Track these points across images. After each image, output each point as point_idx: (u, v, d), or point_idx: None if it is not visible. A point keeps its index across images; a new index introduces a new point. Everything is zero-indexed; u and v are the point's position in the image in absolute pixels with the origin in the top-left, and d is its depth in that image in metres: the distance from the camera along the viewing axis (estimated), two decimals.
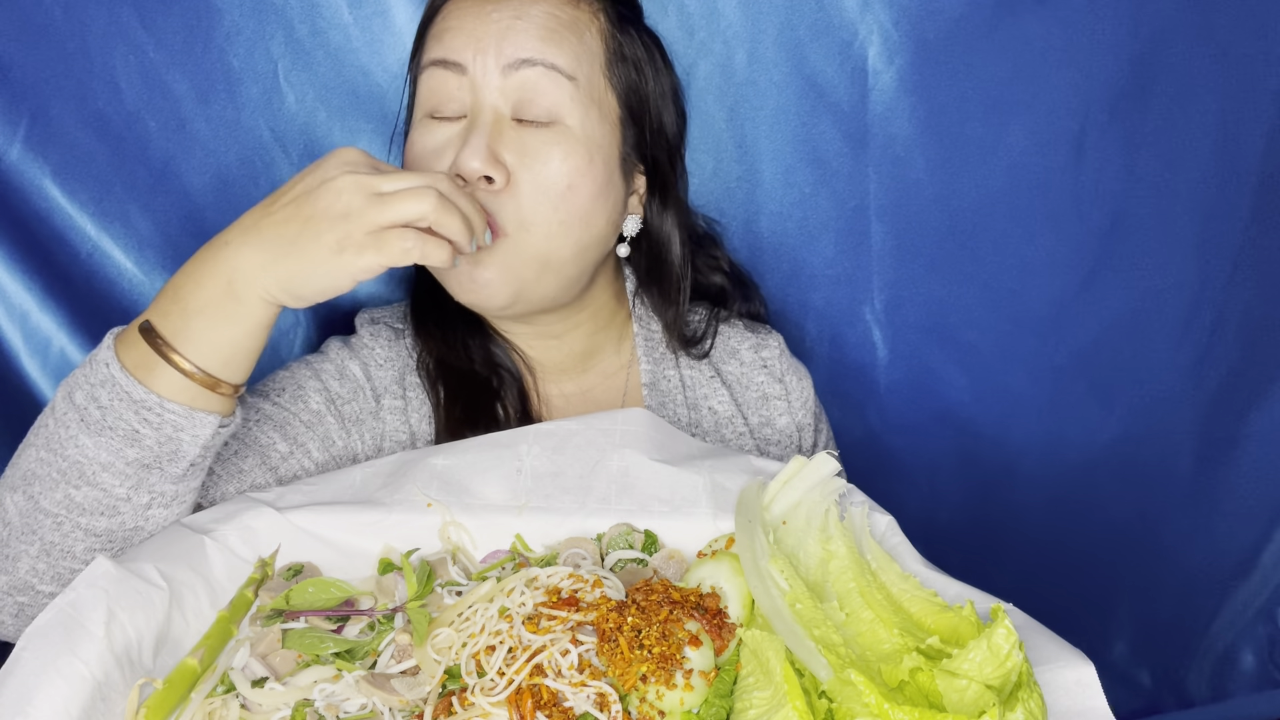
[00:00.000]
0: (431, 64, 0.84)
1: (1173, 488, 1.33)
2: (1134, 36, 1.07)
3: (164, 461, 0.66)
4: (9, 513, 0.67)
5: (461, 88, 0.83)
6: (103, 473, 0.65)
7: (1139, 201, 1.15)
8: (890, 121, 1.10)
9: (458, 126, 0.83)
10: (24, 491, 0.66)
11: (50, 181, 1.03)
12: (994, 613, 0.55)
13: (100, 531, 0.66)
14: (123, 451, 0.65)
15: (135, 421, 0.64)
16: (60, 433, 0.66)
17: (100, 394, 0.65)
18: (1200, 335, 1.23)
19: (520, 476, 0.73)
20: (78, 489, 0.65)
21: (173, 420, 0.65)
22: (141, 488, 0.66)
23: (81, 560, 0.67)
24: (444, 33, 0.84)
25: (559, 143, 0.82)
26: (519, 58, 0.82)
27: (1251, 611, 1.39)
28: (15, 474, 0.68)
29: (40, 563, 0.66)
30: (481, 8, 0.84)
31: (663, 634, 0.58)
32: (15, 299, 1.05)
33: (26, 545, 0.66)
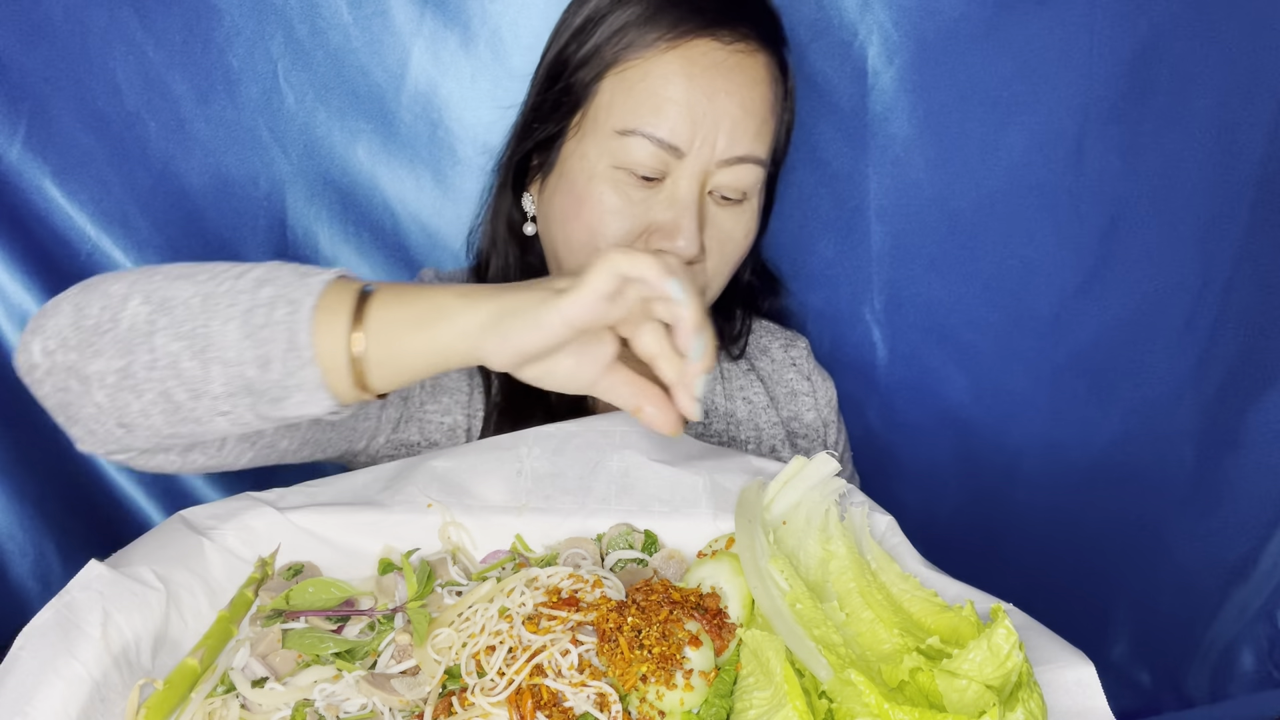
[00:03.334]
0: (646, 138, 0.82)
1: (1173, 488, 1.33)
2: (1134, 36, 1.07)
3: (264, 400, 0.62)
4: (123, 314, 0.62)
5: (670, 163, 0.83)
6: (217, 363, 0.61)
7: (1139, 201, 1.15)
8: (890, 121, 1.11)
9: (654, 189, 0.84)
10: (151, 312, 0.62)
11: (50, 181, 1.03)
12: (994, 613, 0.55)
13: (175, 402, 0.62)
14: (246, 365, 0.60)
15: (278, 352, 0.60)
16: (222, 302, 0.61)
17: (279, 309, 0.60)
18: (1200, 335, 1.23)
19: (520, 477, 0.73)
20: (190, 358, 0.61)
21: (301, 379, 0.61)
22: (233, 400, 0.62)
23: (136, 410, 0.63)
24: (666, 105, 0.81)
25: (743, 217, 0.88)
26: (737, 155, 0.84)
27: (1251, 611, 1.39)
28: (158, 289, 0.63)
29: (111, 376, 0.62)
30: (710, 82, 0.81)
31: (663, 634, 0.58)
32: (15, 299, 1.06)
33: (114, 355, 0.62)
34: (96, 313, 0.63)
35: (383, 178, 1.11)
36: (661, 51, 0.82)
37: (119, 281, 0.64)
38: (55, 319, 0.64)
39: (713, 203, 0.86)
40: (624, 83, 0.83)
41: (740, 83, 0.83)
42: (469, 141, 1.10)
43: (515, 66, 1.06)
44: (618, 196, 0.83)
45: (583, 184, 0.85)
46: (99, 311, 0.63)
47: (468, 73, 1.07)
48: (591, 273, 0.57)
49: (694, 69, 0.81)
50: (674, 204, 0.83)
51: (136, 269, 0.66)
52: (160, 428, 0.64)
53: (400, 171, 1.11)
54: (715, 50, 0.82)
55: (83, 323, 0.63)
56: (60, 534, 1.14)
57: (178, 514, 0.69)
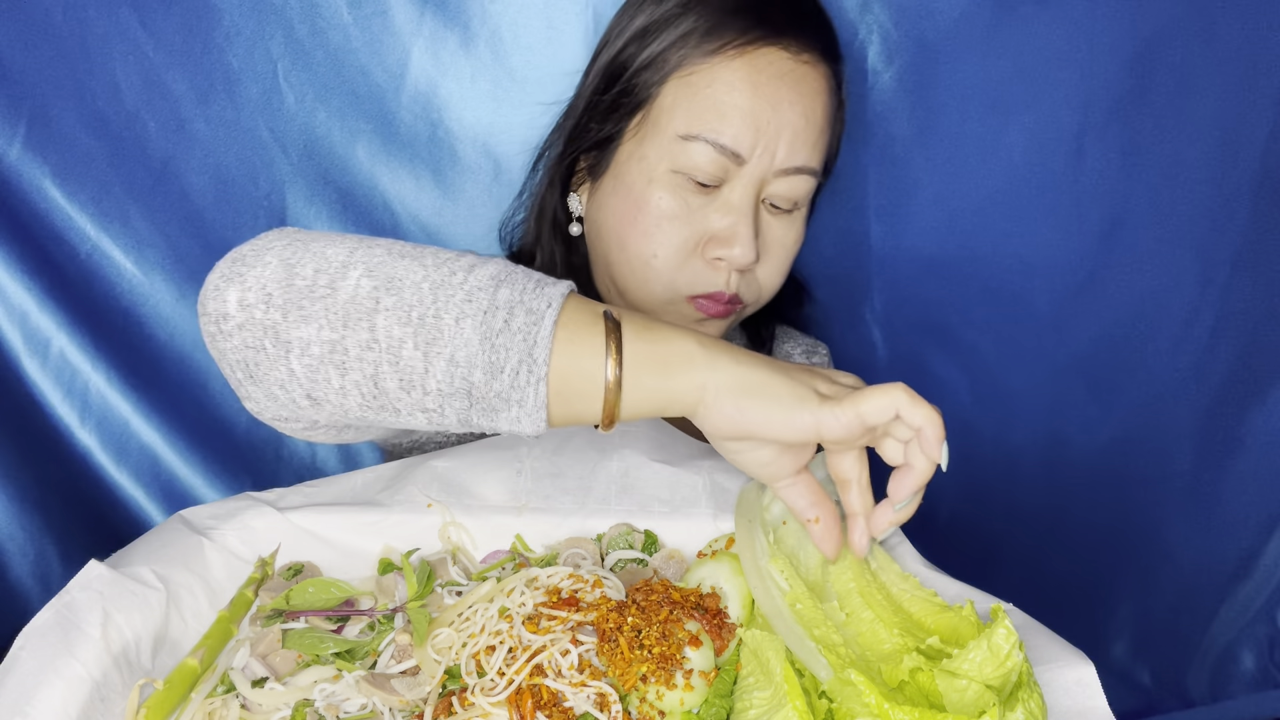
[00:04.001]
0: (708, 143, 0.81)
1: (1173, 488, 1.33)
2: (1134, 36, 1.07)
3: (478, 409, 0.58)
4: (342, 283, 0.58)
5: (729, 169, 0.83)
6: (441, 359, 0.57)
7: (1139, 201, 1.15)
8: (890, 121, 1.10)
9: (712, 195, 0.84)
10: (375, 288, 0.58)
11: (50, 181, 1.03)
12: (994, 613, 0.55)
13: (383, 387, 0.58)
14: (475, 369, 0.57)
15: (511, 363, 0.57)
16: (458, 295, 0.57)
17: (518, 316, 0.57)
18: (1200, 335, 1.23)
19: (520, 477, 0.73)
20: (413, 347, 0.57)
21: (524, 397, 0.57)
22: (445, 400, 0.58)
23: (333, 388, 0.59)
24: (730, 111, 0.81)
25: (795, 226, 0.89)
26: (795, 165, 0.84)
27: (1251, 612, 1.39)
28: (381, 263, 0.59)
29: (316, 346, 0.58)
30: (775, 91, 0.81)
31: (663, 634, 0.58)
32: (15, 299, 1.06)
33: (328, 326, 0.57)
34: (310, 274, 0.58)
35: (383, 178, 1.11)
36: (729, 58, 0.81)
37: (335, 245, 0.60)
38: (259, 270, 0.59)
39: (765, 211, 0.86)
40: (688, 87, 0.82)
41: (804, 93, 0.83)
42: (469, 141, 1.10)
43: (515, 66, 1.06)
44: (675, 201, 0.83)
45: (641, 187, 0.84)
46: (313, 274, 0.58)
47: (468, 73, 1.07)
48: (871, 399, 0.58)
49: (760, 77, 0.81)
50: (730, 211, 0.83)
51: (343, 236, 0.61)
52: (352, 409, 0.60)
53: (400, 171, 1.11)
54: (782, 60, 0.82)
55: (294, 281, 0.58)
56: (60, 534, 1.14)
57: (178, 514, 0.69)
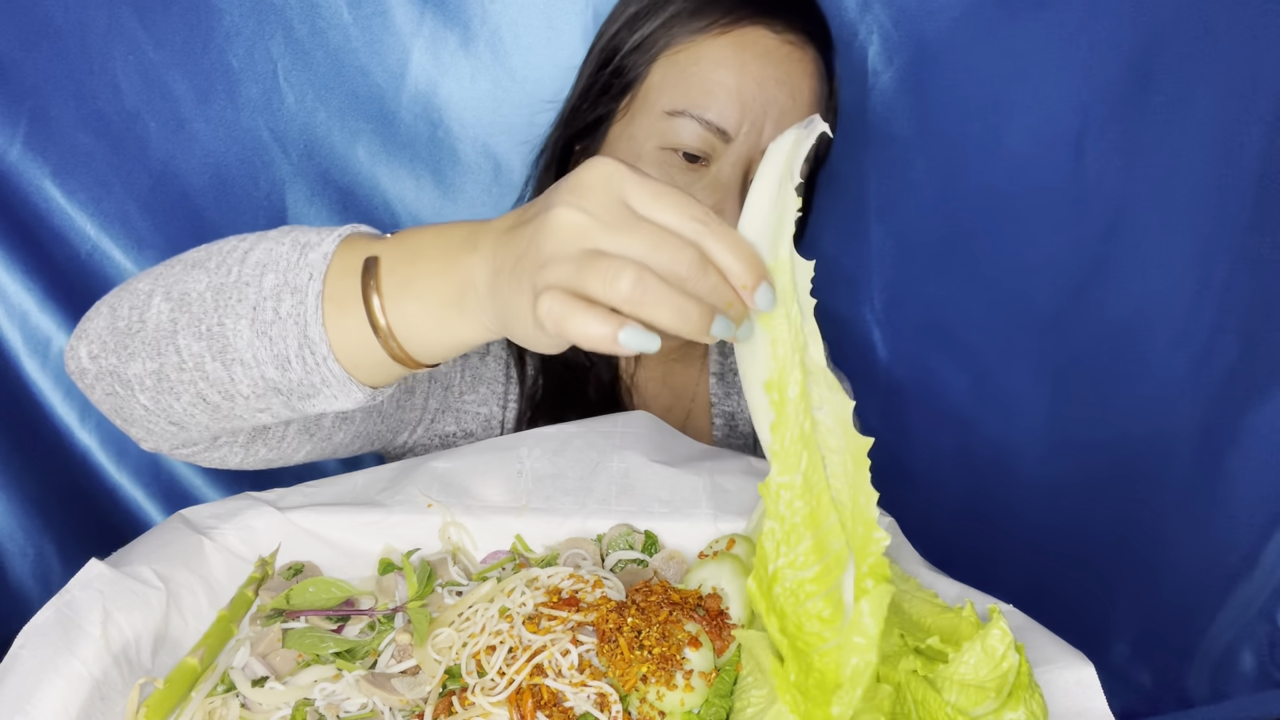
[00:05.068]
0: (694, 119, 0.82)
1: (1173, 488, 1.33)
2: (1134, 36, 1.07)
3: (295, 400, 0.59)
4: (149, 315, 0.60)
5: (716, 146, 0.83)
6: (237, 365, 0.58)
7: (1139, 201, 1.15)
8: (890, 121, 1.10)
9: (698, 173, 0.84)
10: (172, 310, 0.59)
11: (50, 181, 1.03)
12: (990, 614, 0.55)
13: (211, 402, 0.60)
14: (265, 366, 0.57)
15: (293, 351, 0.56)
16: (232, 295, 0.57)
17: (285, 300, 0.56)
18: (1200, 335, 1.23)
19: (521, 478, 0.73)
20: (212, 359, 0.58)
21: (324, 377, 0.57)
22: (264, 400, 0.60)
23: (180, 411, 0.61)
24: (716, 88, 0.82)
25: None
26: None
27: (1251, 611, 1.39)
28: (176, 282, 0.60)
29: (149, 379, 0.61)
30: (761, 69, 0.82)
31: (663, 635, 0.58)
32: (15, 299, 1.06)
33: (147, 357, 0.60)
34: (126, 313, 0.62)
35: (383, 178, 1.11)
36: (714, 36, 0.83)
37: (146, 277, 0.63)
38: (95, 321, 0.64)
39: None
40: (675, 65, 0.84)
41: (790, 73, 0.84)
42: (469, 141, 1.10)
43: (515, 66, 1.06)
44: (662, 178, 0.84)
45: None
46: (128, 312, 0.62)
47: (468, 73, 1.07)
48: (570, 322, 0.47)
49: (746, 55, 0.82)
50: (718, 188, 0.84)
51: (167, 261, 0.63)
52: (209, 425, 0.63)
53: (400, 171, 1.11)
54: (766, 38, 0.83)
55: (116, 324, 0.62)
56: (60, 534, 1.14)
57: (178, 513, 0.69)
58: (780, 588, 0.53)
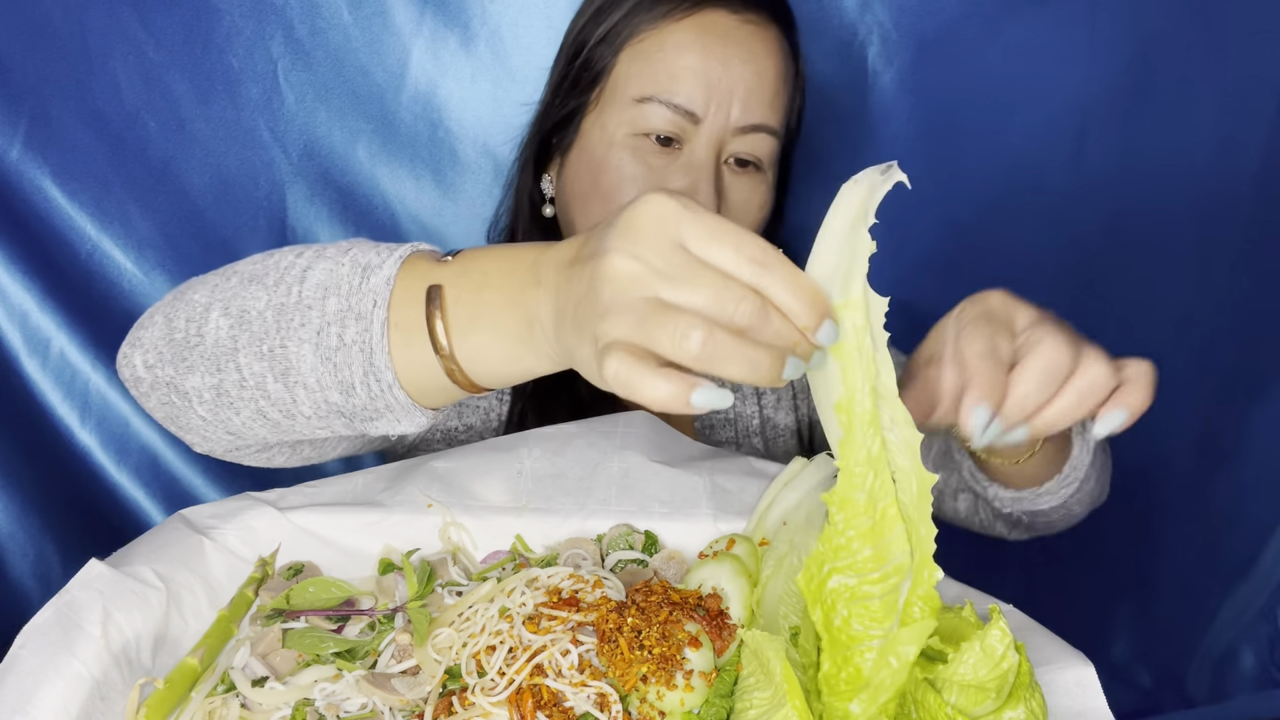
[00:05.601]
0: (662, 104, 0.84)
1: (1173, 488, 1.33)
2: (1134, 36, 1.07)
3: (357, 423, 0.59)
4: (207, 329, 0.60)
5: (686, 129, 0.84)
6: (300, 388, 0.57)
7: (1139, 201, 1.15)
8: (890, 121, 1.11)
9: (671, 155, 0.85)
10: (231, 327, 0.59)
11: (50, 181, 1.03)
12: (990, 614, 0.55)
13: (271, 418, 0.60)
14: (329, 391, 0.57)
15: (358, 378, 0.56)
16: (295, 318, 0.57)
17: (350, 326, 0.55)
18: (1200, 335, 1.23)
19: (521, 478, 0.73)
20: (274, 380, 0.58)
21: (389, 403, 0.57)
22: (326, 420, 0.60)
23: (238, 424, 0.62)
24: (682, 72, 0.83)
25: (757, 190, 0.89)
26: (751, 123, 0.85)
27: (1251, 611, 1.39)
28: (235, 296, 0.59)
29: (207, 392, 0.60)
30: (724, 50, 0.84)
31: (663, 635, 0.58)
32: (15, 299, 1.06)
33: (206, 372, 0.60)
34: (184, 325, 0.61)
35: (383, 178, 1.11)
36: (676, 21, 0.84)
37: (202, 288, 0.62)
38: (150, 331, 0.63)
39: (729, 171, 0.87)
40: (640, 54, 0.85)
41: (754, 51, 0.85)
42: (469, 141, 1.10)
43: (515, 66, 1.06)
44: (636, 164, 0.85)
45: (602, 153, 0.86)
46: (185, 324, 0.61)
47: (468, 73, 1.07)
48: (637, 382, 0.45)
49: (707, 37, 0.83)
50: (691, 170, 0.85)
51: (220, 270, 0.63)
52: (267, 437, 0.63)
53: (400, 171, 1.11)
54: (726, 19, 0.85)
55: (173, 335, 0.61)
56: (60, 534, 1.14)
57: (178, 513, 0.69)
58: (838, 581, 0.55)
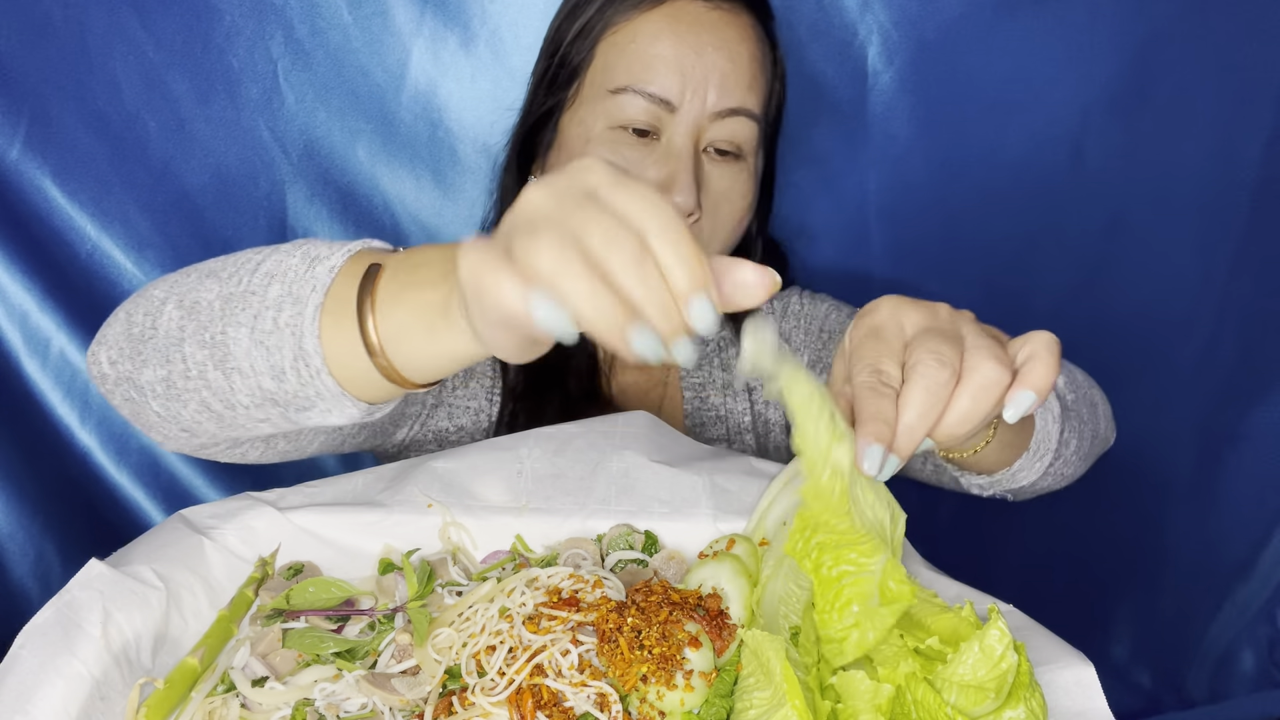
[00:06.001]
0: (637, 93, 0.84)
1: (1173, 488, 1.33)
2: (1134, 37, 1.07)
3: (291, 412, 0.58)
4: (160, 322, 0.60)
5: (663, 118, 0.85)
6: (236, 374, 0.57)
7: (1139, 201, 1.15)
8: (890, 121, 1.11)
9: (649, 146, 0.85)
10: (181, 318, 0.59)
11: (50, 181, 1.03)
12: (989, 613, 0.55)
13: (214, 410, 0.60)
14: (262, 376, 0.56)
15: (288, 362, 0.55)
16: (238, 304, 0.57)
17: (285, 310, 0.55)
18: (1200, 335, 1.23)
19: (521, 478, 0.73)
20: (214, 368, 0.58)
21: (319, 390, 0.55)
22: (263, 410, 0.59)
23: (188, 418, 0.62)
24: (655, 61, 0.84)
25: (740, 176, 0.89)
26: (728, 107, 0.85)
27: (1251, 611, 1.39)
28: (190, 290, 0.60)
29: (159, 385, 0.61)
30: (697, 37, 0.84)
31: (662, 635, 0.58)
32: (15, 299, 1.06)
33: (157, 364, 0.60)
34: (141, 319, 0.62)
35: (383, 178, 1.11)
36: (646, 11, 0.85)
37: (163, 284, 0.63)
38: (114, 327, 0.64)
39: (709, 160, 0.87)
40: (614, 46, 0.86)
41: (726, 37, 0.85)
42: (469, 141, 1.10)
43: (515, 66, 1.06)
44: (615, 157, 0.85)
45: (580, 147, 0.87)
46: (143, 318, 0.62)
47: (468, 73, 1.07)
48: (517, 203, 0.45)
49: (679, 25, 0.84)
50: (669, 158, 0.85)
51: (186, 269, 0.63)
52: (215, 433, 0.63)
53: (400, 171, 1.11)
54: (697, 7, 0.85)
55: (131, 330, 0.62)
56: (60, 534, 1.14)
57: (178, 513, 0.69)
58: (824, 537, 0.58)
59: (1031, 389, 0.53)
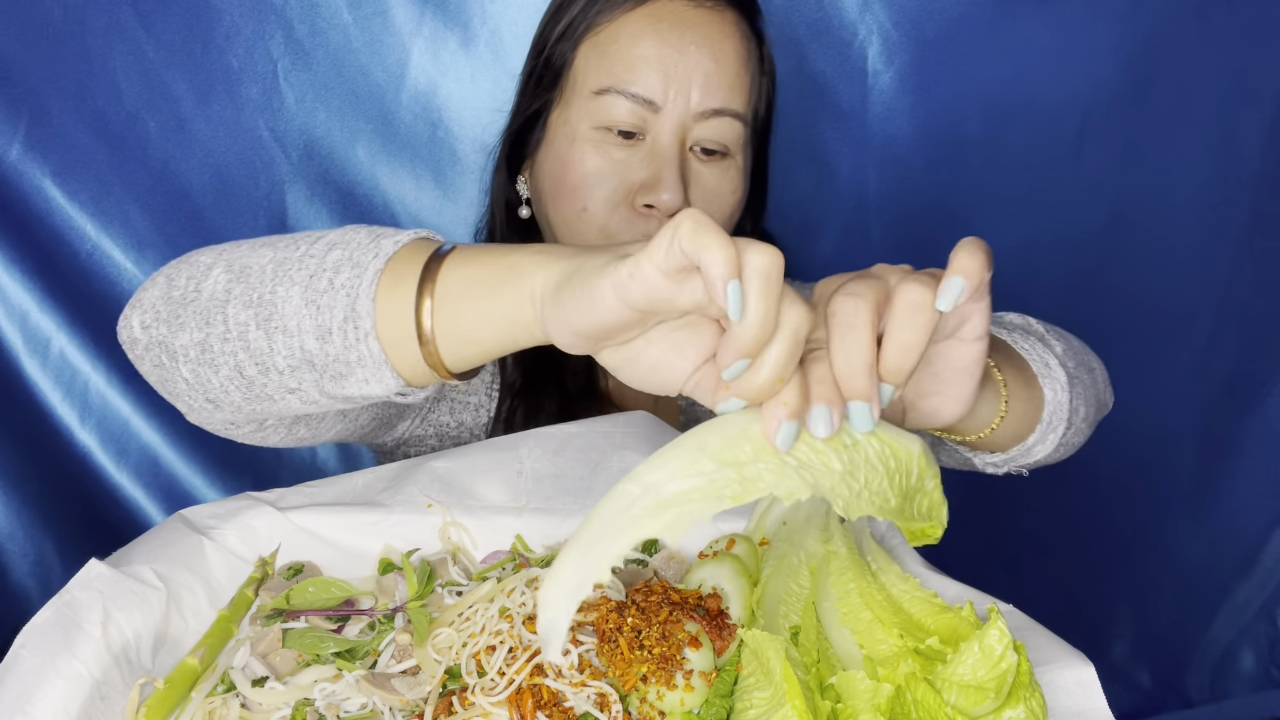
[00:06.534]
0: (621, 94, 0.84)
1: (1173, 488, 1.33)
2: (1134, 36, 1.07)
3: (327, 376, 0.57)
4: (205, 285, 0.60)
5: (647, 119, 0.84)
6: (279, 333, 0.56)
7: (1139, 201, 1.15)
8: (890, 121, 1.11)
9: (635, 147, 0.85)
10: (229, 281, 0.59)
11: (50, 181, 1.03)
12: (989, 613, 0.55)
13: (247, 377, 0.59)
14: (306, 336, 0.56)
15: (336, 323, 0.54)
16: (293, 268, 0.56)
17: (343, 272, 0.55)
18: (1200, 335, 1.23)
19: (521, 478, 0.73)
20: (256, 327, 0.57)
21: (361, 355, 0.55)
22: (297, 375, 0.58)
23: (217, 386, 0.61)
24: (638, 61, 0.84)
25: (727, 175, 0.88)
26: (712, 107, 0.85)
27: (1251, 611, 1.39)
28: (240, 256, 0.60)
29: (193, 349, 0.60)
30: (680, 36, 0.84)
31: (662, 635, 0.58)
32: (15, 299, 1.06)
33: (195, 328, 0.59)
34: (184, 283, 0.61)
35: (383, 178, 1.11)
36: (628, 11, 0.85)
37: (211, 251, 0.62)
38: (150, 291, 0.63)
39: (695, 159, 0.87)
40: (597, 47, 0.85)
41: (709, 36, 0.85)
42: (469, 141, 1.10)
43: (515, 66, 1.06)
44: (600, 157, 0.85)
45: (566, 148, 0.86)
46: (185, 282, 0.61)
47: (468, 73, 1.07)
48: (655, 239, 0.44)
49: (662, 25, 0.84)
50: (654, 158, 0.84)
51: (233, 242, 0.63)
52: (240, 404, 0.62)
53: (400, 171, 1.11)
54: (680, 5, 0.85)
55: (171, 293, 0.61)
56: (60, 534, 1.14)
57: (178, 513, 0.69)
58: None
59: (958, 273, 0.51)
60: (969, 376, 0.55)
